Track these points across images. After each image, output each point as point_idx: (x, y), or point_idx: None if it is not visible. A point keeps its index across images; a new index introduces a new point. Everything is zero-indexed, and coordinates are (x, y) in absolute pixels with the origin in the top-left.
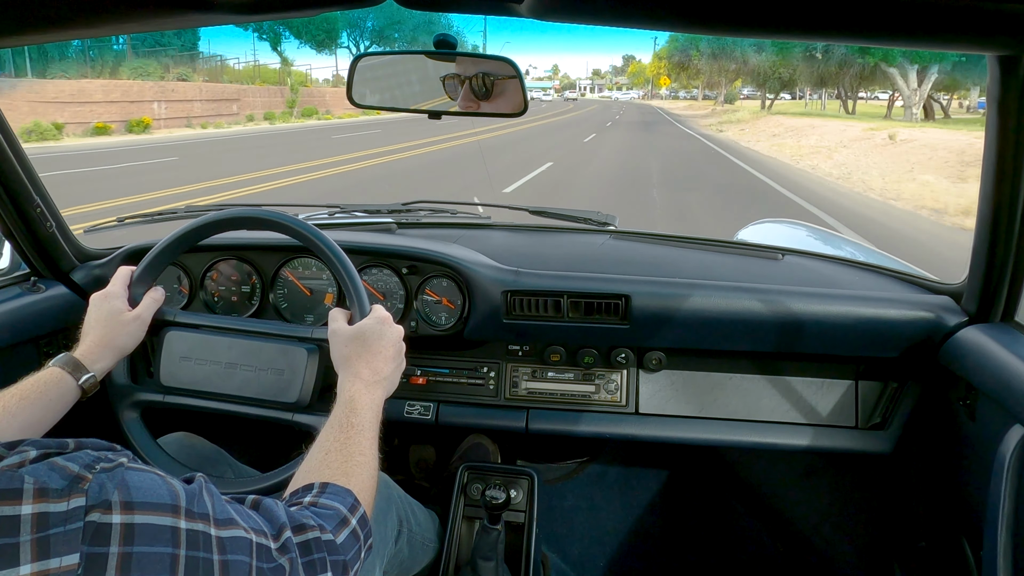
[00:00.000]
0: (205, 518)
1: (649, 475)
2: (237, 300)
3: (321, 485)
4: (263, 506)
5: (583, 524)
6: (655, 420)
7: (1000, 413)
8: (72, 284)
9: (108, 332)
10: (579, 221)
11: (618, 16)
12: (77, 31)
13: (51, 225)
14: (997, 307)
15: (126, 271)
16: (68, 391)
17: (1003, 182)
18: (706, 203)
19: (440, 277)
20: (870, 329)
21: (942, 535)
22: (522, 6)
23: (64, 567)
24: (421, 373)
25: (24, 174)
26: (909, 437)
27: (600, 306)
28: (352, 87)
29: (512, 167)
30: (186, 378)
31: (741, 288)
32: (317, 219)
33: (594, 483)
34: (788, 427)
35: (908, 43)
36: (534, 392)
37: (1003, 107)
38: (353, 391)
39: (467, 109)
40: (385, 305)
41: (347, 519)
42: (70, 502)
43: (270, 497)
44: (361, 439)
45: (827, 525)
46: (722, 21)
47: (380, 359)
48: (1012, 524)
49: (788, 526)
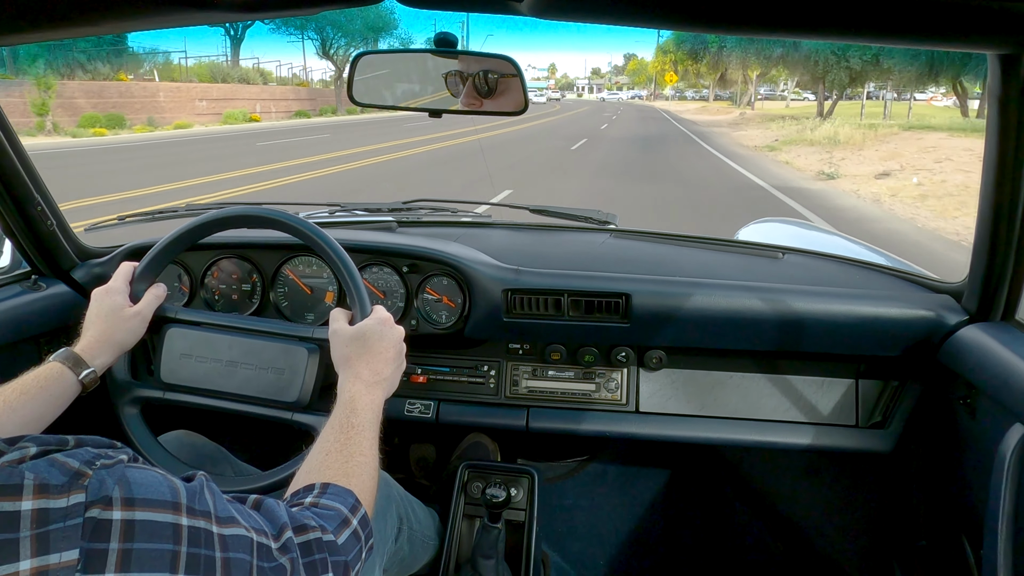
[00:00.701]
0: (207, 515)
1: (649, 474)
2: (238, 298)
3: (322, 486)
4: (264, 506)
5: (583, 522)
6: (655, 419)
7: (1000, 412)
8: (73, 282)
9: (109, 327)
10: (580, 220)
11: (617, 14)
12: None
13: (51, 223)
14: (997, 306)
15: (128, 267)
16: (68, 386)
17: (1004, 181)
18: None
19: (441, 275)
20: (870, 328)
21: (942, 534)
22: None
23: (64, 563)
24: (422, 371)
25: (24, 172)
26: (909, 436)
27: (601, 305)
28: (353, 85)
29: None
30: (186, 375)
31: (742, 287)
32: (318, 217)
33: (594, 482)
34: (788, 426)
35: (910, 42)
36: (534, 391)
37: (1004, 106)
38: (353, 392)
39: (470, 107)
40: (385, 304)
41: (348, 520)
42: (70, 498)
43: (271, 497)
44: (361, 440)
45: (827, 524)
46: (722, 19)
47: (381, 360)
48: (1012, 523)
49: (788, 525)
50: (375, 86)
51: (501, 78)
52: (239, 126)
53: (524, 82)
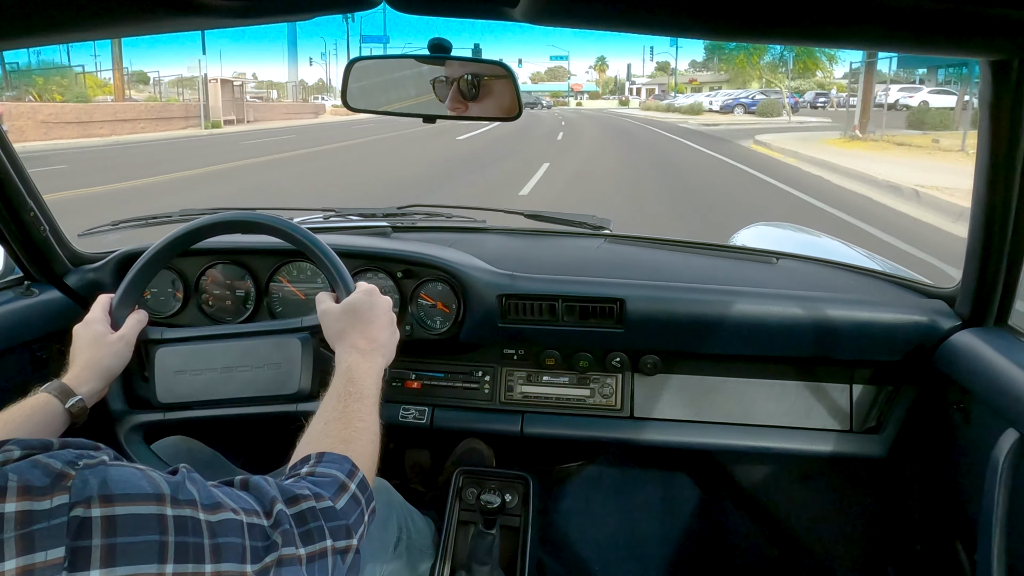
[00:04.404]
0: (192, 504)
1: (644, 479)
2: (231, 304)
3: (318, 455)
4: (252, 484)
5: (579, 528)
6: (650, 424)
7: (994, 417)
8: (66, 288)
9: (94, 355)
10: (574, 225)
11: (613, 20)
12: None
13: (44, 229)
14: (991, 311)
15: (105, 299)
16: (55, 416)
17: (996, 186)
18: None
19: (435, 281)
20: (864, 333)
21: (937, 538)
22: (516, 10)
23: (50, 561)
24: (416, 377)
25: (17, 178)
26: (904, 441)
27: (595, 310)
28: (347, 90)
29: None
30: (184, 391)
31: (736, 292)
32: (311, 223)
33: (590, 487)
34: (783, 431)
35: (902, 47)
36: (529, 396)
37: (995, 111)
38: (350, 361)
39: (455, 111)
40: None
41: (345, 484)
42: (53, 499)
43: (259, 475)
44: (360, 406)
45: (822, 529)
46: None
47: (375, 327)
48: (1006, 527)
49: (783, 530)
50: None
51: (487, 81)
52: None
53: (517, 86)
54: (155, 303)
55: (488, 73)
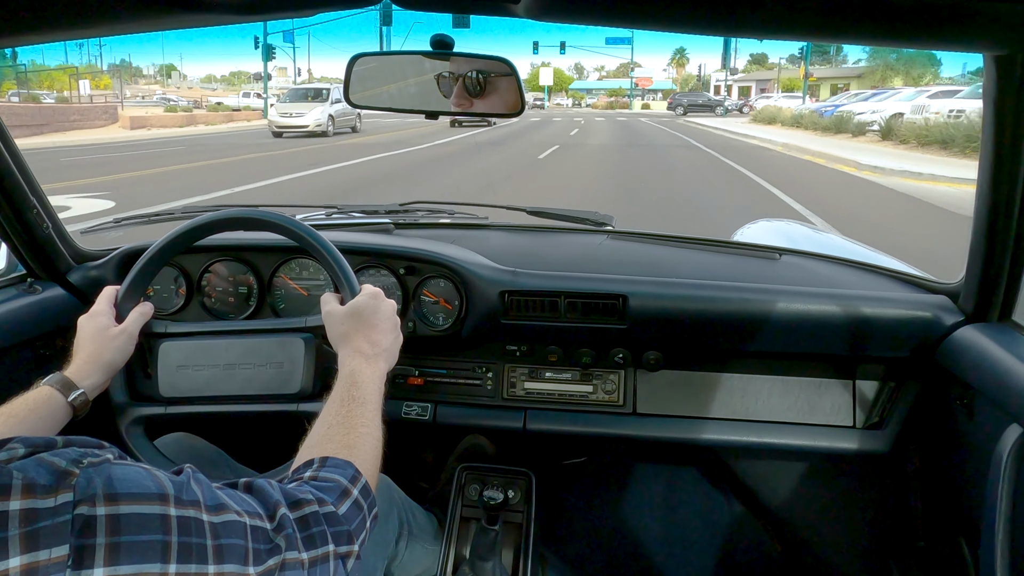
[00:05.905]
0: (196, 504)
1: (647, 475)
2: (235, 301)
3: (321, 460)
4: (256, 487)
5: (581, 524)
6: (653, 420)
7: (997, 413)
8: (68, 285)
9: (96, 348)
10: (577, 221)
11: (615, 15)
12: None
13: (47, 226)
14: (994, 307)
15: (111, 291)
16: (58, 409)
17: (1000, 181)
18: None
19: (438, 278)
20: (867, 329)
21: (940, 535)
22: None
23: (53, 559)
24: (419, 374)
25: (20, 175)
26: (907, 437)
27: (597, 306)
28: (349, 87)
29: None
30: (186, 386)
31: (739, 288)
32: (314, 220)
33: (592, 483)
34: (785, 427)
35: (905, 43)
36: (532, 392)
37: (999, 106)
38: (354, 365)
39: (460, 107)
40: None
41: (348, 490)
42: (57, 498)
43: (263, 478)
44: (363, 411)
45: (825, 525)
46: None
47: (378, 332)
48: (1010, 523)
49: (785, 526)
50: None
51: (492, 78)
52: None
53: (520, 83)
54: (158, 300)
55: (493, 70)
